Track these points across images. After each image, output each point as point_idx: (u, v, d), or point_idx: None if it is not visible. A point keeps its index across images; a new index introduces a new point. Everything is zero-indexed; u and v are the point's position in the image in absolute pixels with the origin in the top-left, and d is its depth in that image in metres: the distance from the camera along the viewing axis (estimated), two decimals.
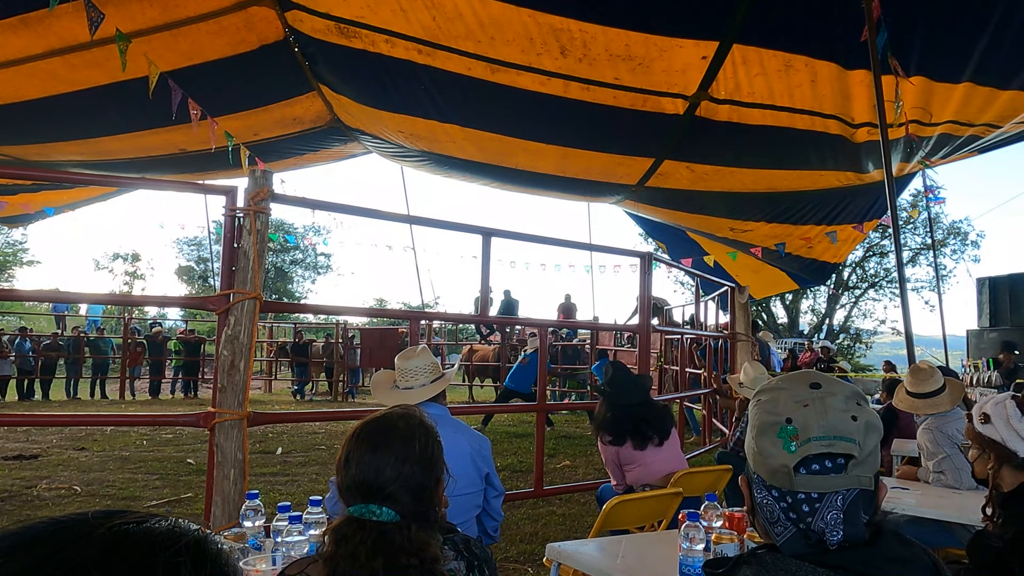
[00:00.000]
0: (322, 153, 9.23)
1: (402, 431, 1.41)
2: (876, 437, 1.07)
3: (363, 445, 1.38)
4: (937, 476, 3.39)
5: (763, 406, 1.12)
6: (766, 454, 1.07)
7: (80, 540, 0.58)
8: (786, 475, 1.04)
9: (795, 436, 1.05)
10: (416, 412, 1.50)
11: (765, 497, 1.08)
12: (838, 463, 1.04)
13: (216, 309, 3.59)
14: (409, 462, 1.36)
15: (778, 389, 1.12)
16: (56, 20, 4.96)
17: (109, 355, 16.04)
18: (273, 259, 36.43)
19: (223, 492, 3.43)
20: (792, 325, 27.95)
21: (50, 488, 5.90)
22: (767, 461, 1.07)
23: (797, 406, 1.07)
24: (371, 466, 1.35)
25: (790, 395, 1.09)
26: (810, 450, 1.03)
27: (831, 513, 1.03)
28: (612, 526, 3.08)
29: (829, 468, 1.04)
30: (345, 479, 1.37)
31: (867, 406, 1.09)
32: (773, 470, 1.06)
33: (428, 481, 1.39)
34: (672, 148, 6.57)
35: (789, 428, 1.05)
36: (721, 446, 6.57)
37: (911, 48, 4.64)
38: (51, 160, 7.85)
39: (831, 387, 1.09)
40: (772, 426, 1.07)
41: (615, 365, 4.17)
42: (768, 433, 1.08)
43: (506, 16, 4.86)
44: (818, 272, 9.85)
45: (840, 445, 1.03)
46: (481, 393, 15.82)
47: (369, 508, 1.30)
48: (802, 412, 1.06)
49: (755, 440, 1.10)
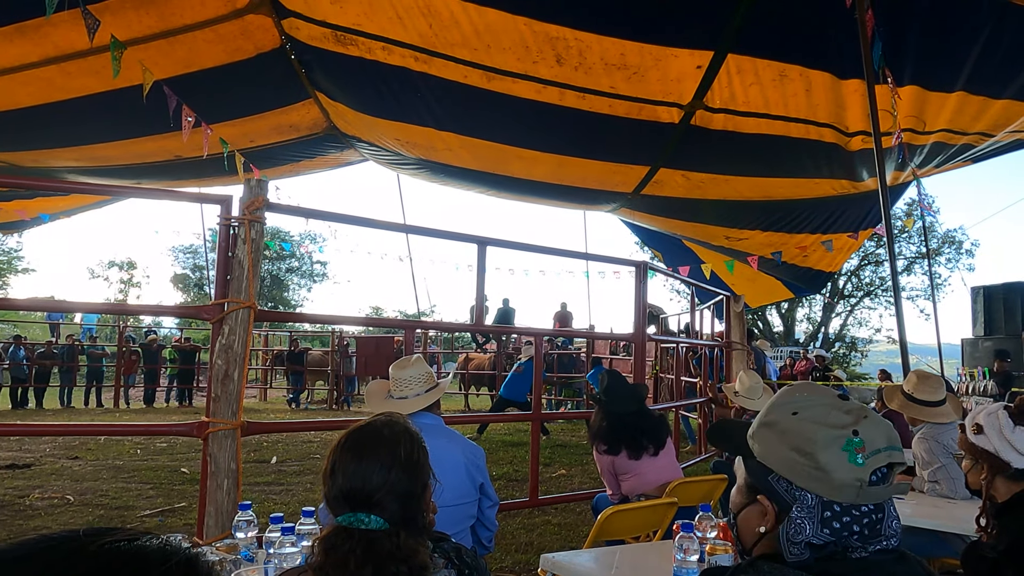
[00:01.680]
0: (318, 160, 9.23)
1: (387, 438, 1.41)
2: None
3: (348, 454, 1.38)
4: (932, 486, 3.39)
5: (808, 418, 1.08)
6: (829, 468, 1.03)
7: (71, 558, 0.58)
8: (855, 489, 1.02)
9: (861, 448, 1.04)
10: (400, 419, 1.50)
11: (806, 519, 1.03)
12: (884, 473, 1.06)
13: (210, 318, 3.57)
14: (395, 469, 1.36)
15: (806, 405, 1.10)
16: (53, 28, 4.97)
17: (103, 363, 15.96)
18: (269, 267, 36.35)
19: (216, 502, 3.40)
20: (788, 334, 27.98)
21: (43, 497, 5.85)
22: (831, 476, 1.03)
23: (851, 419, 1.06)
24: (357, 475, 1.34)
25: (829, 408, 1.08)
26: (878, 462, 1.04)
27: (895, 521, 1.05)
28: (607, 536, 3.06)
29: (883, 478, 1.05)
30: (332, 489, 1.37)
31: None
32: (839, 485, 1.03)
33: (415, 487, 1.38)
34: (668, 156, 6.60)
35: (855, 440, 1.04)
36: (717, 455, 6.55)
37: (905, 57, 4.67)
38: (46, 167, 7.83)
39: (855, 400, 1.12)
40: (835, 440, 1.05)
41: (610, 373, 4.15)
42: (830, 447, 1.04)
43: (502, 24, 4.88)
44: (813, 281, 9.86)
45: (896, 455, 1.06)
46: (477, 402, 15.78)
47: (358, 517, 1.29)
48: (864, 425, 1.06)
49: (813, 455, 1.05)
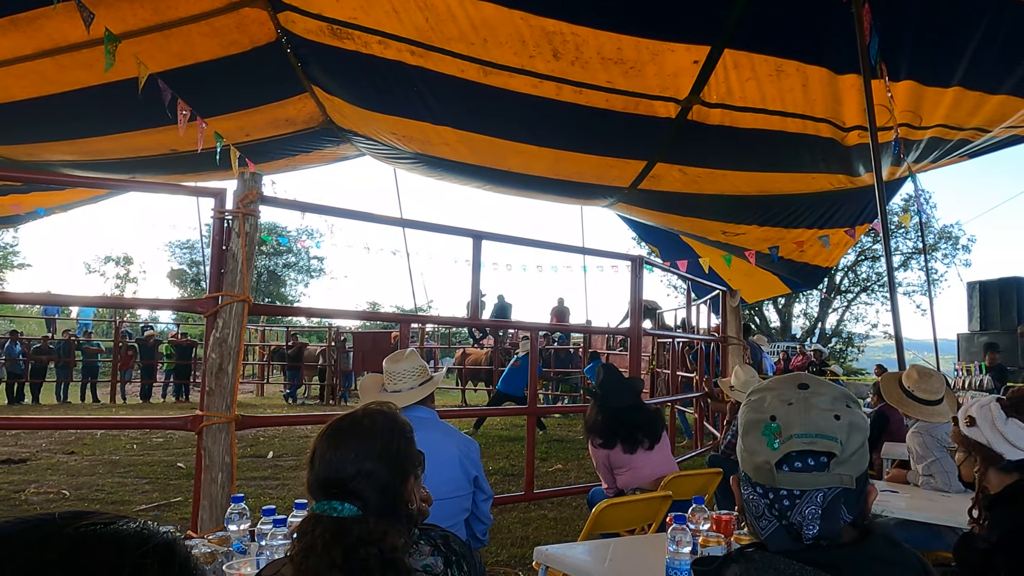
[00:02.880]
0: (315, 155, 9.21)
1: (366, 427, 1.41)
2: (860, 438, 1.07)
3: (326, 442, 1.39)
4: (926, 479, 3.40)
5: (751, 405, 1.14)
6: (751, 451, 1.09)
7: (46, 540, 0.57)
8: (769, 472, 1.06)
9: (778, 434, 1.06)
10: (389, 409, 1.50)
11: (751, 493, 1.10)
12: (820, 461, 1.05)
13: (204, 312, 3.57)
14: (370, 458, 1.36)
15: (767, 390, 1.14)
16: (47, 21, 4.95)
17: (98, 359, 15.93)
18: (266, 262, 36.28)
19: (211, 496, 3.40)
20: (784, 329, 28.01)
21: (38, 492, 5.84)
22: (752, 458, 1.09)
23: (782, 405, 1.08)
24: (332, 463, 1.35)
25: (777, 395, 1.11)
26: (792, 447, 1.05)
27: (809, 508, 1.04)
28: (602, 529, 3.06)
29: (812, 466, 1.05)
30: (310, 476, 1.38)
31: (856, 408, 1.09)
32: (757, 467, 1.08)
33: (393, 477, 1.38)
34: (664, 151, 6.59)
35: (773, 426, 1.07)
36: (712, 449, 6.56)
37: (901, 52, 4.67)
38: (42, 160, 7.81)
39: (818, 388, 1.10)
40: (757, 424, 1.09)
41: (607, 368, 4.15)
42: (753, 431, 1.10)
43: (499, 18, 4.86)
44: (810, 276, 9.87)
45: (821, 443, 1.04)
46: (474, 397, 15.78)
47: (331, 504, 1.29)
48: (785, 410, 1.08)
49: (742, 438, 1.13)
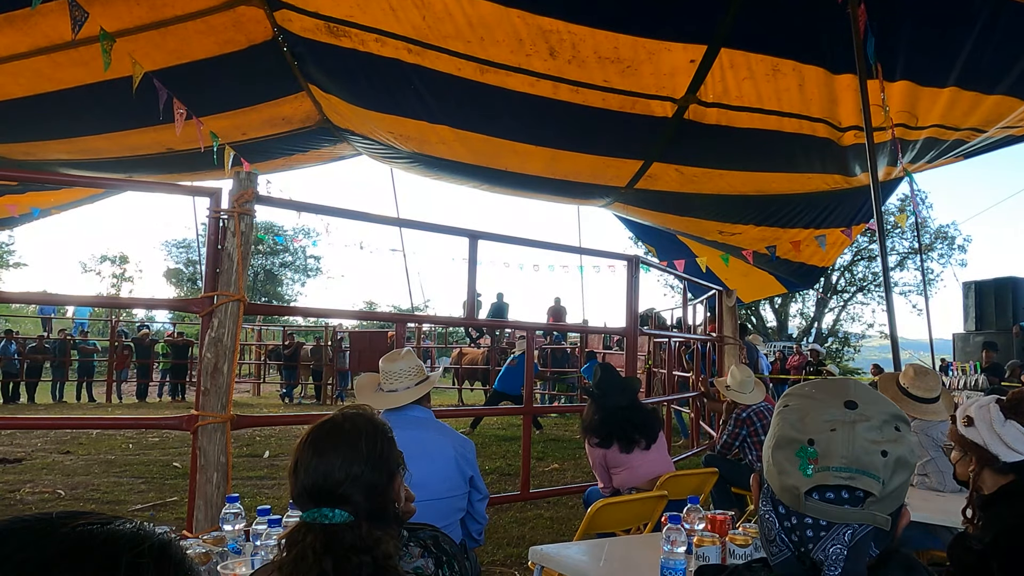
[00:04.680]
0: (311, 154, 9.20)
1: (348, 432, 1.39)
2: (906, 474, 0.95)
3: (310, 450, 1.37)
4: (921, 479, 3.40)
5: (788, 416, 1.00)
6: (780, 469, 0.97)
7: (43, 539, 0.58)
8: (795, 497, 0.95)
9: (814, 459, 0.94)
10: (366, 410, 1.49)
11: (769, 512, 0.99)
12: (856, 495, 0.93)
13: (200, 311, 3.56)
14: (357, 462, 1.35)
15: (807, 398, 1.01)
16: (42, 18, 4.93)
17: (94, 358, 15.90)
18: (263, 262, 36.23)
19: (206, 496, 3.39)
20: (781, 328, 28.07)
21: (34, 492, 5.83)
22: (780, 477, 0.97)
23: (824, 428, 0.95)
24: (319, 470, 1.34)
25: (820, 412, 0.97)
26: (827, 480, 0.93)
27: (834, 547, 0.92)
28: (597, 529, 3.06)
29: (845, 499, 0.93)
30: (295, 486, 1.36)
31: (906, 433, 0.96)
32: (784, 487, 0.96)
33: (379, 478, 1.37)
34: (661, 150, 6.60)
35: (810, 450, 0.94)
36: (708, 449, 6.57)
37: (897, 53, 4.68)
38: (37, 159, 7.78)
39: (867, 409, 0.96)
40: (791, 443, 0.97)
41: (603, 367, 4.15)
42: (786, 448, 0.97)
43: (495, 17, 4.86)
44: (806, 276, 9.88)
45: (861, 481, 0.92)
46: (471, 396, 15.78)
47: (321, 512, 1.28)
48: (827, 436, 0.94)
49: (771, 450, 1.00)
